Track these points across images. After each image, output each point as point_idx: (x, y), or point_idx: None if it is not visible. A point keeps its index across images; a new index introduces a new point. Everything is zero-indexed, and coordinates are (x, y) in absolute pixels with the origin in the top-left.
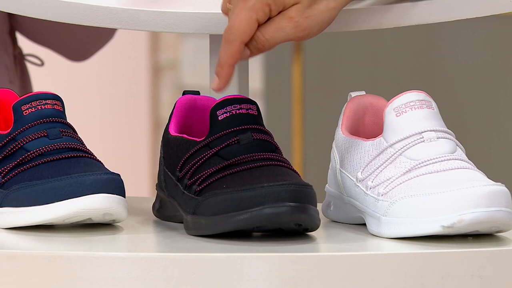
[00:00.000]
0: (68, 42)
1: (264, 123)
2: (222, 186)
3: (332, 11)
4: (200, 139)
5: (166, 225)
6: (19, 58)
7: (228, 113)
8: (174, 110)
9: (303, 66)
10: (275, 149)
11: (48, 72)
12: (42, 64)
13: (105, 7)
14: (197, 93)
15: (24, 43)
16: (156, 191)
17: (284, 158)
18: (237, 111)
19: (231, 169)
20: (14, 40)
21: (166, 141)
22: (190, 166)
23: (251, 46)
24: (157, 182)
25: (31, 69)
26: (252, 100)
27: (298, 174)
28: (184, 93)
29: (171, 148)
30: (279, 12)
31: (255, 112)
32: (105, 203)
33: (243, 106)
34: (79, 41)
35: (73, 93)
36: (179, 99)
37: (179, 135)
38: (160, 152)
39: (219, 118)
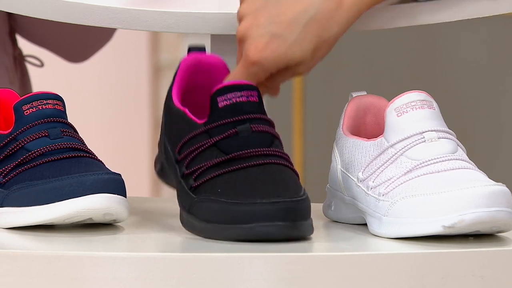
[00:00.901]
0: (67, 43)
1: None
2: (217, 190)
3: (332, 39)
4: (200, 121)
5: (166, 225)
6: (19, 59)
7: (228, 100)
8: (177, 71)
9: None
10: (274, 140)
11: (48, 73)
12: (42, 65)
13: (106, 7)
14: (203, 49)
15: (24, 44)
16: (157, 154)
17: (283, 153)
18: (238, 99)
19: (228, 166)
20: (14, 41)
21: (168, 109)
22: (188, 152)
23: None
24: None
25: (31, 70)
26: (253, 86)
27: (296, 173)
28: (190, 49)
29: (172, 119)
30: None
31: (256, 99)
32: (105, 203)
33: (243, 93)
34: (78, 42)
35: (74, 93)
36: (182, 60)
37: (181, 108)
38: (162, 118)
39: (219, 106)
